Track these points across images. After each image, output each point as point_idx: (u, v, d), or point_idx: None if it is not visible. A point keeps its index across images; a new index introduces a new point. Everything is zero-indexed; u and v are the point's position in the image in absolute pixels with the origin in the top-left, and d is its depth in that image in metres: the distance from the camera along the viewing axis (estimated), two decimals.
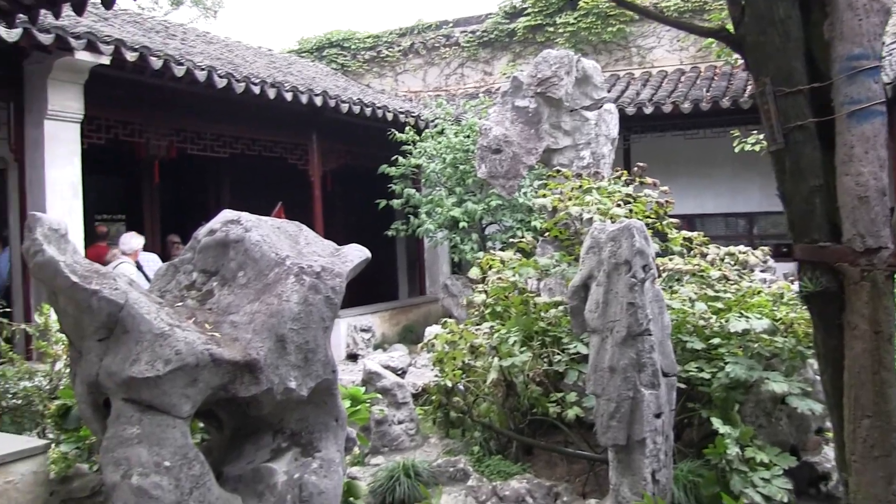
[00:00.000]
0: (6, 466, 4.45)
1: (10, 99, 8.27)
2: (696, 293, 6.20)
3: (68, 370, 5.30)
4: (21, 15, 5.85)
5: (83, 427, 4.73)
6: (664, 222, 7.19)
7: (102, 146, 9.26)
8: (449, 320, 7.11)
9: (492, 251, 8.42)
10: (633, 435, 4.64)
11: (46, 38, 7.56)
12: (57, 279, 3.35)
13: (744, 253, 7.37)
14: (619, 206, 6.73)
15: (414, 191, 12.51)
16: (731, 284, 6.59)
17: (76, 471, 4.79)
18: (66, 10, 5.77)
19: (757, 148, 10.71)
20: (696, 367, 5.60)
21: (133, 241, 8.73)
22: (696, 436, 5.77)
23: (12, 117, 8.31)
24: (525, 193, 11.37)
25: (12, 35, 7.19)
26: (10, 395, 5.75)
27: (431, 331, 7.95)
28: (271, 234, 3.82)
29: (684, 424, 5.81)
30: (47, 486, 4.63)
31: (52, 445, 4.86)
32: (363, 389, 5.70)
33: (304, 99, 10.87)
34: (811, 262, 2.81)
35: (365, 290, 13.07)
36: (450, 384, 6.69)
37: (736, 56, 12.64)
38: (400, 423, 7.00)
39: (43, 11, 5.89)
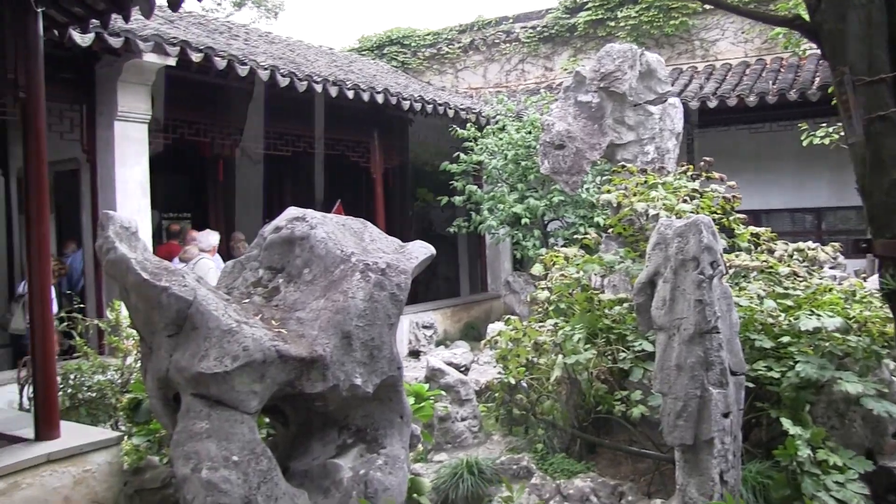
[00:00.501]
0: (85, 456, 4.61)
1: (82, 101, 8.51)
2: (764, 290, 6.05)
3: (139, 365, 5.43)
4: (93, 20, 6.00)
5: (154, 420, 4.83)
6: (731, 218, 7.04)
7: (168, 145, 9.44)
8: (512, 317, 7.07)
9: (554, 248, 8.35)
10: (701, 434, 4.55)
11: (116, 42, 7.76)
12: (128, 276, 3.42)
13: (813, 249, 7.17)
14: (685, 201, 6.61)
15: (476, 187, 12.49)
16: (801, 281, 6.42)
17: (147, 463, 4.90)
18: (135, 13, 5.90)
19: (826, 141, 10.40)
20: (765, 366, 5.46)
21: (211, 237, 8.93)
22: (765, 436, 5.63)
23: (84, 119, 8.54)
24: (588, 189, 11.26)
25: (86, 40, 7.39)
26: (85, 388, 5.91)
27: (494, 328, 7.92)
28: (336, 230, 3.85)
29: (752, 424, 5.67)
30: (121, 477, 4.76)
31: (125, 438, 4.98)
32: (427, 386, 5.70)
33: (365, 97, 10.93)
34: (894, 258, 2.71)
35: (426, 286, 13.12)
36: (513, 381, 6.66)
37: (805, 46, 12.35)
38: (463, 420, 6.99)
39: (113, 16, 6.04)
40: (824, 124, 10.69)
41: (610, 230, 7.55)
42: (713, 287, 4.58)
